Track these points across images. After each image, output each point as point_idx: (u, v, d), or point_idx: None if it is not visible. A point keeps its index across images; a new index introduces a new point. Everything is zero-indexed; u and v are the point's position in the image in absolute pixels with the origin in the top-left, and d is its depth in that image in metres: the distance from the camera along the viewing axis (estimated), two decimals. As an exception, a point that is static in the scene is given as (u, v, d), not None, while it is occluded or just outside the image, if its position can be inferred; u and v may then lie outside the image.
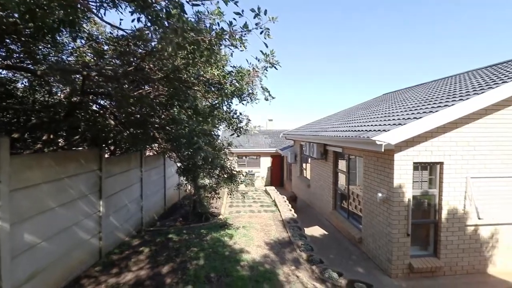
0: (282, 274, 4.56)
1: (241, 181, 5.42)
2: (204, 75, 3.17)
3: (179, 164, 5.20)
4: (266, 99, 3.46)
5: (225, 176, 5.03)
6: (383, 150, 4.97)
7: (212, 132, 4.42)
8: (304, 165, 12.48)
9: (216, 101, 3.66)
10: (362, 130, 6.18)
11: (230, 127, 4.52)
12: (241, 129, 4.55)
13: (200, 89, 3.33)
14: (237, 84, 3.11)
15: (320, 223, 8.46)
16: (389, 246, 5.42)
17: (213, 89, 3.34)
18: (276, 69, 3.13)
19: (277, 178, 16.78)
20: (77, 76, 4.53)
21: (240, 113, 4.45)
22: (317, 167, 10.03)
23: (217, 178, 5.32)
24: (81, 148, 5.58)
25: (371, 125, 6.36)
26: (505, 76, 5.86)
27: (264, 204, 9.47)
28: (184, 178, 6.02)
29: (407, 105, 7.36)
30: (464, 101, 5.06)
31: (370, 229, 6.21)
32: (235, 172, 5.10)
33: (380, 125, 5.90)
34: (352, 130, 6.77)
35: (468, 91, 5.78)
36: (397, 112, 6.83)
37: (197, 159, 4.19)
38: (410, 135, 4.97)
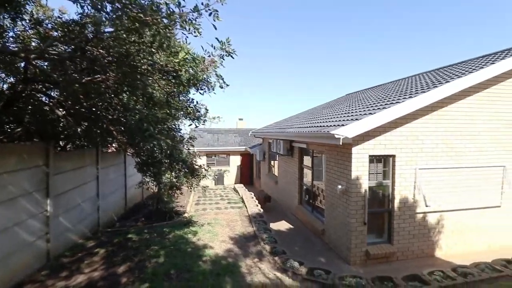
0: (245, 266, 4.56)
1: (203, 175, 5.32)
2: (160, 62, 3.05)
3: (138, 159, 4.96)
4: (221, 87, 3.44)
5: (186, 170, 4.89)
6: (341, 143, 5.20)
7: (170, 122, 4.26)
8: (272, 162, 12.65)
9: (173, 90, 3.55)
10: (323, 126, 6.42)
11: (188, 116, 4.41)
12: (200, 118, 4.46)
13: (156, 78, 3.20)
14: (191, 70, 3.04)
15: (287, 218, 8.62)
16: (348, 235, 5.68)
17: (169, 77, 3.23)
18: (233, 57, 3.12)
19: (246, 176, 16.82)
20: (20, 63, 4.14)
21: (197, 102, 4.38)
22: (284, 163, 10.23)
23: (178, 173, 5.16)
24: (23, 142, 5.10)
25: (332, 121, 6.65)
26: (448, 77, 6.47)
27: (231, 201, 9.43)
28: (146, 175, 5.75)
29: (365, 103, 7.80)
30: (412, 98, 5.49)
31: (331, 221, 6.47)
32: (196, 167, 5.00)
33: (339, 121, 6.18)
34: (315, 126, 7.02)
35: (417, 90, 6.28)
36: (356, 109, 7.21)
37: (156, 152, 4.03)
38: (365, 129, 5.25)
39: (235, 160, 16.83)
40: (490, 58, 6.97)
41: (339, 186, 5.86)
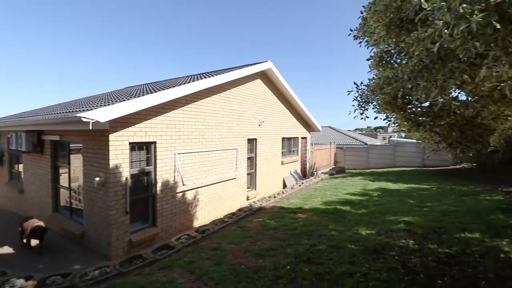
0: None
1: None
2: None
3: None
4: None
5: None
6: (91, 128, 4.64)
7: None
8: (16, 166, 9.28)
9: None
10: (75, 111, 5.52)
11: None
12: None
13: None
14: None
15: (35, 234, 6.61)
16: (108, 229, 5.25)
17: None
18: None
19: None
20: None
21: None
22: (32, 164, 7.81)
23: None
24: None
25: (88, 107, 5.90)
26: (196, 79, 7.80)
27: None
28: None
29: (132, 93, 7.69)
30: (165, 90, 6.05)
31: (91, 219, 5.72)
32: None
33: (95, 106, 5.59)
34: (65, 112, 5.89)
35: (175, 85, 7.04)
36: (118, 97, 6.90)
37: None
38: (119, 114, 5.04)
39: None
40: (231, 69, 9.24)
41: (97, 178, 5.29)
